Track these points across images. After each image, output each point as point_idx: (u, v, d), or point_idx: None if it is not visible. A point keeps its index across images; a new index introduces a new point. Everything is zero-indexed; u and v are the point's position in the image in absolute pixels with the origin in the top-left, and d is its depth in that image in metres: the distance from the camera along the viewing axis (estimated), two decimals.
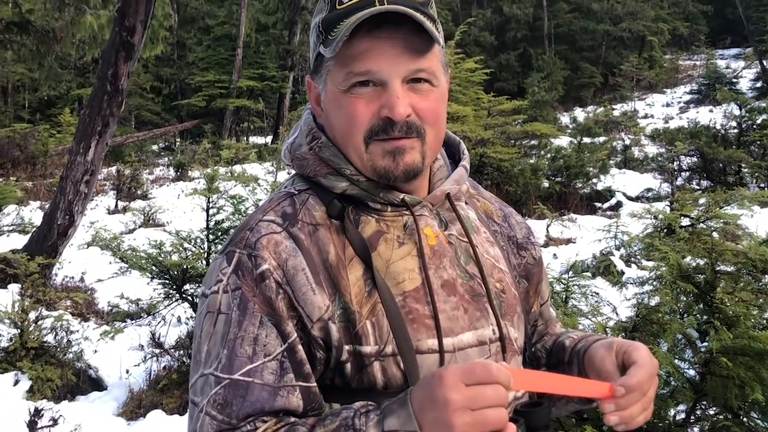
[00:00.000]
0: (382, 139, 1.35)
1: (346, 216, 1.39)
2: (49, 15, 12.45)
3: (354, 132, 1.36)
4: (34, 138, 19.72)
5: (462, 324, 1.38)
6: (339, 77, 1.34)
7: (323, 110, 1.44)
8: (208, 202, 6.26)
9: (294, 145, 1.49)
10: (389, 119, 1.33)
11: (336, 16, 1.32)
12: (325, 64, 1.38)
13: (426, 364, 1.33)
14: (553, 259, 9.08)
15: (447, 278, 1.40)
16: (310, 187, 1.44)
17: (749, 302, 3.89)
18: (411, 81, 1.35)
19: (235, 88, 29.11)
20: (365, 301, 1.33)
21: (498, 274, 1.50)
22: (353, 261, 1.36)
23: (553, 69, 34.47)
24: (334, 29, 1.31)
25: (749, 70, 34.54)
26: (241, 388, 1.26)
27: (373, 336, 1.32)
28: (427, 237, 1.41)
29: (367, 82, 1.33)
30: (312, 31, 1.41)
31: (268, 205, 1.43)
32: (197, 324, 1.37)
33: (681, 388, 3.79)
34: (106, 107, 8.26)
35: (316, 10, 1.41)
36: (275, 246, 1.34)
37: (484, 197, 1.68)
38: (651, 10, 40.66)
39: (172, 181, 18.82)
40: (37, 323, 5.91)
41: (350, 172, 1.40)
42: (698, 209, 7.35)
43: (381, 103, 1.33)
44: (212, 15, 35.29)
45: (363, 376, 1.32)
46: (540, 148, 14.99)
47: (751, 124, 15.07)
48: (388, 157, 1.35)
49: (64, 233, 8.48)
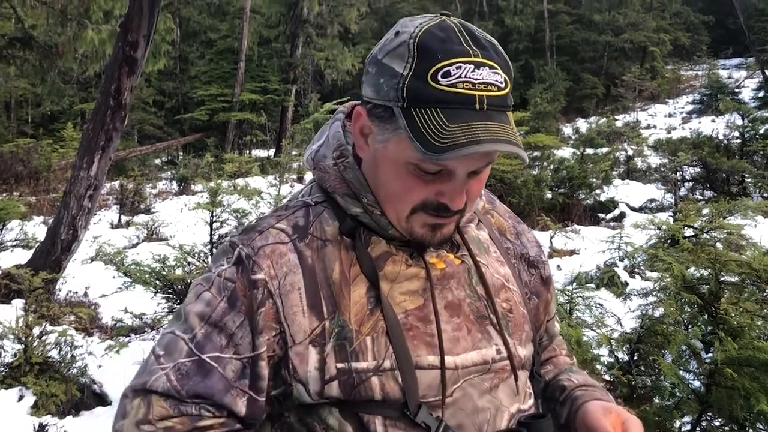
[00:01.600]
0: (428, 213, 1.34)
1: (357, 235, 1.40)
2: (52, 30, 12.52)
3: (404, 201, 1.34)
4: (38, 153, 19.75)
5: (465, 344, 1.39)
6: (410, 153, 1.27)
7: (371, 155, 1.38)
8: (211, 216, 6.27)
9: (319, 155, 1.48)
10: (446, 206, 1.32)
11: (428, 95, 1.22)
12: (396, 126, 1.28)
13: (426, 380, 1.34)
14: (557, 270, 9.06)
15: (452, 299, 1.41)
16: (326, 200, 1.44)
17: (754, 313, 3.89)
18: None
19: (237, 102, 29.15)
20: (366, 319, 1.34)
21: (506, 293, 1.51)
22: (357, 279, 1.37)
23: (555, 80, 34.47)
24: (423, 110, 1.23)
25: (751, 79, 34.54)
26: (205, 370, 1.31)
27: (371, 352, 1.32)
28: (434, 265, 1.42)
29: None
30: (384, 75, 1.29)
31: (284, 213, 1.44)
32: (195, 285, 1.42)
33: (686, 399, 3.78)
34: (109, 122, 8.27)
35: (395, 51, 1.28)
36: (278, 257, 1.35)
37: (499, 212, 1.68)
38: (652, 21, 40.70)
39: (175, 195, 18.82)
40: (41, 338, 5.90)
41: (367, 201, 1.39)
42: (702, 220, 7.35)
43: (441, 189, 1.31)
44: (214, 29, 35.38)
45: (360, 390, 1.32)
46: (543, 159, 14.98)
47: (754, 134, 15.07)
48: (427, 229, 1.36)
49: (67, 248, 8.48)
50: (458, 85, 1.21)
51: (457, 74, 1.21)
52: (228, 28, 34.42)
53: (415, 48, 1.24)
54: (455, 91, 1.21)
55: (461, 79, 1.21)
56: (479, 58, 1.23)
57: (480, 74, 1.22)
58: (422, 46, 1.24)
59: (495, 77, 1.24)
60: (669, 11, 44.57)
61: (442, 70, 1.21)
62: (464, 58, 1.22)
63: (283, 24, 30.49)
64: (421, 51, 1.23)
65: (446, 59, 1.21)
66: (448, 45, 1.23)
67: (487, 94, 1.23)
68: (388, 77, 1.27)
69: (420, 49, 1.24)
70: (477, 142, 1.19)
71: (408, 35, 1.27)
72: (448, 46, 1.23)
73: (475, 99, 1.22)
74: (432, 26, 1.27)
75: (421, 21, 1.29)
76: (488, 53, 1.25)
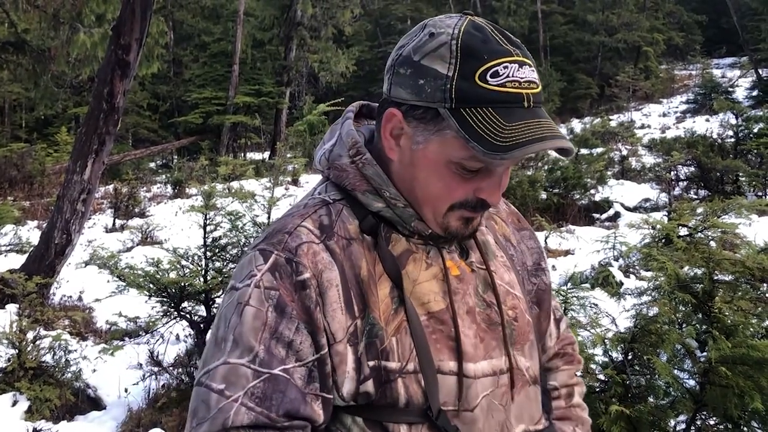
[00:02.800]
0: (465, 209, 1.37)
1: (379, 233, 1.40)
2: (45, 34, 12.50)
3: (444, 200, 1.36)
4: (31, 157, 19.71)
5: (479, 352, 1.40)
6: (456, 153, 1.30)
7: (406, 155, 1.38)
8: (205, 219, 6.25)
9: (333, 154, 1.48)
10: (484, 201, 1.36)
11: (478, 96, 1.25)
12: (441, 126, 1.30)
13: (446, 384, 1.34)
14: (552, 270, 9.07)
15: (471, 305, 1.42)
16: (344, 198, 1.44)
17: (748, 311, 3.89)
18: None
19: (231, 105, 29.11)
20: (392, 319, 1.34)
21: (512, 300, 1.51)
22: (382, 278, 1.37)
23: (549, 81, 34.50)
24: (474, 110, 1.25)
25: (745, 79, 34.56)
26: (281, 384, 1.27)
27: (396, 353, 1.33)
28: (450, 269, 1.43)
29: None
30: (425, 76, 1.29)
31: (305, 211, 1.43)
32: (222, 314, 1.36)
33: (681, 398, 3.78)
34: (103, 125, 8.26)
35: (435, 52, 1.29)
36: (314, 256, 1.34)
37: (501, 217, 1.68)
38: (646, 21, 40.73)
39: (170, 198, 18.79)
40: (35, 343, 5.89)
41: (389, 195, 1.39)
42: (696, 219, 7.34)
43: (479, 185, 1.34)
44: (208, 32, 35.34)
45: (387, 391, 1.32)
46: (537, 159, 14.98)
47: (748, 133, 15.09)
48: (462, 222, 1.39)
49: (61, 252, 8.47)
50: (507, 85, 1.25)
51: (505, 74, 1.24)
52: (222, 31, 34.41)
53: (458, 49, 1.26)
54: (507, 90, 1.25)
55: (509, 79, 1.25)
56: (520, 57, 1.28)
57: (524, 73, 1.27)
58: (466, 47, 1.26)
59: (534, 75, 1.29)
60: (662, 11, 44.63)
61: (490, 70, 1.24)
62: (509, 58, 1.26)
63: (277, 27, 30.47)
64: (464, 52, 1.26)
65: (493, 59, 1.25)
66: (490, 45, 1.26)
67: (531, 92, 1.27)
68: (430, 78, 1.28)
69: (463, 50, 1.26)
70: (541, 139, 1.23)
71: (447, 36, 1.28)
72: (491, 46, 1.26)
73: (524, 97, 1.26)
74: (468, 26, 1.29)
75: (455, 21, 1.31)
76: (525, 52, 1.30)
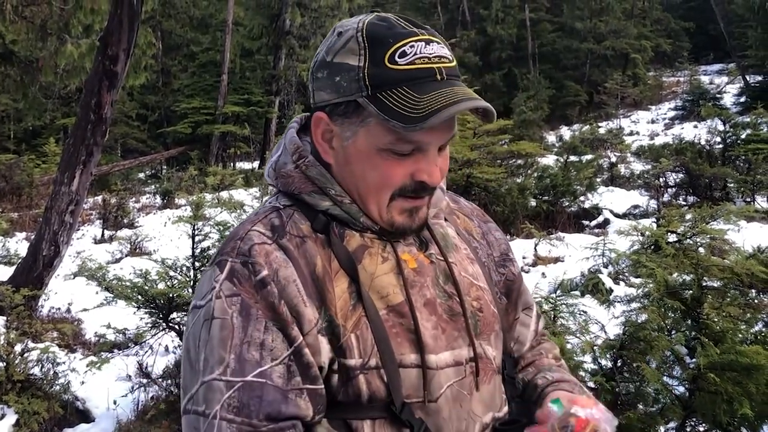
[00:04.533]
0: (407, 197, 1.38)
1: (331, 230, 1.41)
2: (33, 45, 12.46)
3: (384, 189, 1.38)
4: (20, 168, 19.63)
5: (441, 343, 1.39)
6: (382, 138, 1.34)
7: (340, 154, 1.42)
8: (193, 230, 6.23)
9: (279, 163, 1.50)
10: (423, 184, 1.37)
11: (390, 77, 1.30)
12: (363, 116, 1.35)
13: (408, 377, 1.34)
14: (542, 278, 9.07)
15: (429, 297, 1.42)
16: (294, 204, 1.45)
17: (736, 317, 3.90)
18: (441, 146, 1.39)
19: (220, 114, 29.08)
20: (350, 315, 1.34)
21: (476, 292, 1.51)
22: (339, 274, 1.37)
23: (538, 88, 34.59)
24: (390, 92, 1.30)
25: (732, 85, 34.71)
26: (256, 389, 1.25)
27: (357, 349, 1.32)
28: (406, 262, 1.43)
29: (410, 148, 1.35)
30: (339, 72, 1.36)
31: (255, 218, 1.44)
32: (190, 335, 1.34)
33: (670, 405, 3.78)
34: (90, 136, 8.23)
35: (344, 49, 1.36)
36: (267, 255, 1.34)
37: (464, 213, 1.71)
38: (634, 28, 40.89)
39: (159, 209, 18.73)
40: (23, 356, 5.85)
41: (335, 192, 1.41)
42: (685, 225, 7.36)
43: (417, 168, 1.36)
44: (196, 42, 35.33)
45: (348, 388, 1.32)
46: (526, 167, 15.01)
47: (736, 139, 15.13)
48: (406, 215, 1.40)
49: (49, 264, 8.42)
50: (417, 62, 1.30)
51: (412, 52, 1.30)
52: (210, 41, 34.39)
53: (364, 39, 1.32)
54: (417, 67, 1.30)
55: (418, 56, 1.31)
56: (426, 36, 1.33)
57: (432, 49, 1.33)
58: (372, 36, 1.32)
59: (444, 51, 1.35)
60: (650, 18, 44.81)
61: (398, 51, 1.30)
62: (414, 38, 1.31)
63: (266, 36, 30.42)
64: (371, 41, 1.32)
65: (398, 41, 1.30)
66: (395, 30, 1.32)
67: (443, 66, 1.33)
68: (345, 73, 1.34)
69: (370, 39, 1.32)
70: (454, 102, 1.28)
71: (354, 30, 1.35)
72: (396, 30, 1.32)
73: (435, 71, 1.32)
74: (372, 19, 1.36)
75: (359, 18, 1.38)
76: (431, 32, 1.35)
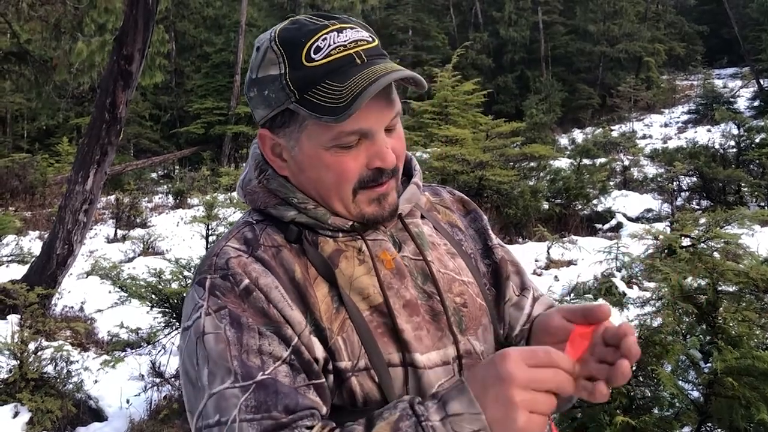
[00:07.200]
0: (369, 188, 1.37)
1: (304, 239, 1.40)
2: (47, 44, 12.52)
3: (343, 186, 1.37)
4: (33, 168, 19.75)
5: (427, 343, 1.39)
6: (323, 137, 1.33)
7: (292, 164, 1.42)
8: (207, 230, 6.25)
9: (245, 181, 1.51)
10: (380, 169, 1.36)
11: (312, 76, 1.29)
12: (299, 121, 1.35)
13: (398, 377, 1.34)
14: (555, 281, 9.05)
15: (409, 298, 1.41)
16: (265, 218, 1.45)
17: (752, 322, 3.87)
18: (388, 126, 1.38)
19: (233, 115, 29.17)
20: (334, 318, 1.33)
21: (459, 287, 1.50)
22: (317, 280, 1.37)
23: (550, 91, 34.57)
24: (314, 90, 1.29)
25: (746, 89, 34.63)
26: (270, 386, 1.23)
27: (345, 351, 1.32)
28: (384, 261, 1.43)
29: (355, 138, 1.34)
30: (266, 86, 1.36)
31: (229, 234, 1.44)
32: (186, 357, 1.32)
33: (686, 409, 3.75)
34: (105, 136, 8.26)
35: (264, 61, 1.36)
36: (244, 266, 1.33)
37: (445, 204, 1.69)
38: (647, 32, 40.83)
39: (171, 208, 18.80)
40: (37, 354, 5.86)
41: (297, 200, 1.41)
42: (699, 229, 7.32)
43: (369, 155, 1.36)
44: (210, 42, 35.45)
45: (343, 391, 1.32)
46: (539, 170, 14.99)
47: (750, 143, 15.08)
48: (375, 204, 1.40)
49: (63, 263, 8.45)
50: (332, 53, 1.30)
51: (326, 44, 1.30)
52: (224, 42, 34.51)
53: (278, 46, 1.33)
54: (333, 58, 1.30)
55: (332, 47, 1.30)
56: (337, 24, 1.33)
57: (345, 36, 1.32)
58: (285, 41, 1.33)
59: (360, 34, 1.34)
60: (664, 21, 44.74)
61: (312, 48, 1.29)
62: (325, 30, 1.31)
63: None
64: (285, 45, 1.32)
65: (310, 38, 1.31)
66: (305, 28, 1.32)
67: (361, 49, 1.33)
68: (270, 84, 1.34)
69: (284, 44, 1.32)
70: (375, 80, 1.27)
71: (268, 41, 1.36)
72: (306, 29, 1.32)
73: (353, 56, 1.31)
74: (284, 25, 1.37)
75: (273, 28, 1.39)
76: (342, 20, 1.35)
